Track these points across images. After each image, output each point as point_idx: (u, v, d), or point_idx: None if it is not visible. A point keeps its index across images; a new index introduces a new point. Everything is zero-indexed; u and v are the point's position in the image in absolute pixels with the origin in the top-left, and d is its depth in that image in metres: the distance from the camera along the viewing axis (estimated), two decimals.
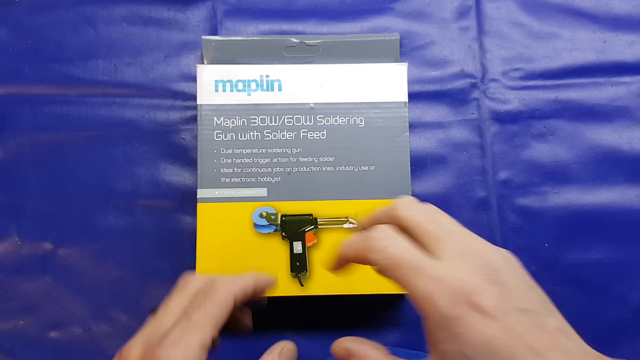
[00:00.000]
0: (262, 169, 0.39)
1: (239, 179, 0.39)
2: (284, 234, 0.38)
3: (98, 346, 0.40)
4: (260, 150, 0.39)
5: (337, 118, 0.40)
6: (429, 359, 0.23)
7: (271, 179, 0.39)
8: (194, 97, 0.43)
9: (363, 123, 0.39)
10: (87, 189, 0.41)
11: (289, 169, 0.39)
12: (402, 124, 0.39)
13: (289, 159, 0.39)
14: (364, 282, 0.38)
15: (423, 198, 0.42)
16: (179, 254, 0.41)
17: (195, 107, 0.42)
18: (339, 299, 0.39)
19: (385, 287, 0.38)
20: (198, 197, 0.38)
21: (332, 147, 0.39)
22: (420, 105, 0.43)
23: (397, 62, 0.41)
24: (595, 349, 0.27)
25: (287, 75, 0.40)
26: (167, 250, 0.41)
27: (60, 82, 0.43)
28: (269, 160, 0.39)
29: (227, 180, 0.39)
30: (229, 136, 0.39)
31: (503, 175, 0.43)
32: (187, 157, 0.42)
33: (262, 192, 0.39)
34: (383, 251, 0.24)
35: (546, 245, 0.42)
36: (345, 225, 0.39)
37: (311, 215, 0.39)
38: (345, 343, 0.26)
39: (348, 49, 0.41)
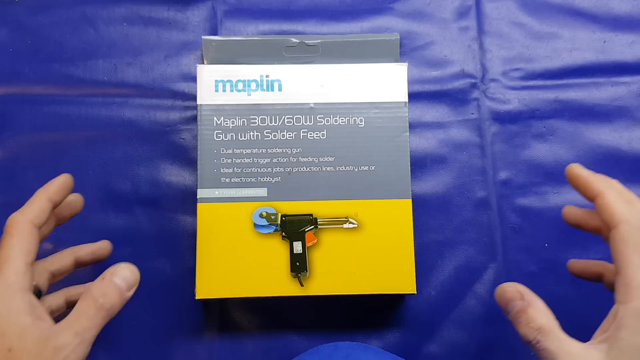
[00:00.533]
0: (262, 169, 0.39)
1: (239, 179, 0.39)
2: (284, 234, 0.38)
3: (97, 346, 0.40)
4: (260, 150, 0.39)
5: (337, 118, 0.40)
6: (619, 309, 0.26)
7: (271, 179, 0.39)
8: (194, 97, 0.43)
9: (363, 123, 0.39)
10: (87, 189, 0.41)
11: (289, 169, 0.39)
12: (402, 124, 0.39)
13: (289, 159, 0.39)
14: (364, 282, 0.38)
15: (423, 198, 0.42)
16: (179, 254, 0.41)
17: (195, 107, 0.42)
18: (339, 299, 0.39)
19: (385, 287, 0.38)
20: (198, 197, 0.38)
21: (332, 147, 0.39)
22: (420, 105, 0.43)
23: (397, 62, 0.41)
24: None
25: (287, 75, 0.40)
26: (167, 250, 0.41)
27: (60, 82, 0.43)
28: (269, 160, 0.39)
29: (227, 180, 0.39)
30: (229, 136, 0.39)
31: (503, 175, 0.43)
32: (187, 157, 0.42)
33: (262, 192, 0.39)
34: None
35: (546, 245, 0.42)
36: (345, 225, 0.39)
37: (311, 215, 0.39)
38: (518, 286, 0.29)
39: (348, 49, 0.41)
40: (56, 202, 0.32)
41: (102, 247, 0.37)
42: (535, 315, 0.27)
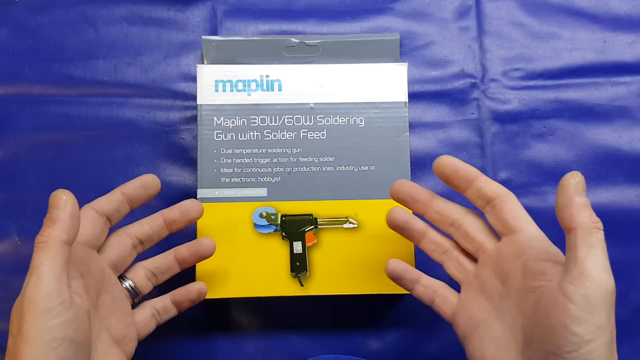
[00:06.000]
0: (262, 169, 0.39)
1: (239, 179, 0.39)
2: (284, 234, 0.38)
3: None
4: (260, 150, 0.39)
5: (337, 118, 0.40)
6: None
7: (271, 179, 0.39)
8: (194, 97, 0.43)
9: (363, 123, 0.39)
10: (87, 189, 0.41)
11: (289, 169, 0.39)
12: (402, 124, 0.39)
13: (289, 159, 0.39)
14: (364, 282, 0.38)
15: None
16: None
17: (195, 107, 0.42)
18: (339, 299, 0.39)
19: (385, 287, 0.38)
20: (198, 197, 0.38)
21: (332, 147, 0.39)
22: (420, 105, 0.44)
23: (397, 62, 0.41)
24: None
25: (287, 75, 0.40)
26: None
27: (60, 82, 0.43)
28: (269, 160, 0.39)
29: (227, 180, 0.39)
30: (229, 136, 0.39)
31: (503, 175, 0.43)
32: (187, 157, 0.42)
33: (262, 192, 0.39)
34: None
35: None
36: (345, 225, 0.39)
37: (311, 215, 0.39)
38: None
39: (348, 49, 0.41)
40: (140, 197, 0.34)
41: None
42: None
